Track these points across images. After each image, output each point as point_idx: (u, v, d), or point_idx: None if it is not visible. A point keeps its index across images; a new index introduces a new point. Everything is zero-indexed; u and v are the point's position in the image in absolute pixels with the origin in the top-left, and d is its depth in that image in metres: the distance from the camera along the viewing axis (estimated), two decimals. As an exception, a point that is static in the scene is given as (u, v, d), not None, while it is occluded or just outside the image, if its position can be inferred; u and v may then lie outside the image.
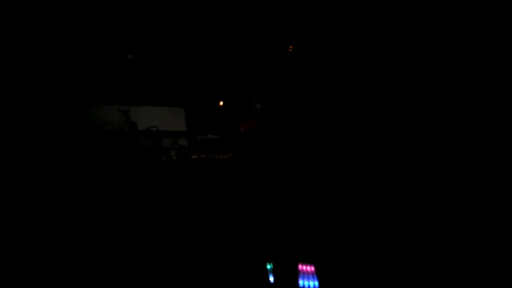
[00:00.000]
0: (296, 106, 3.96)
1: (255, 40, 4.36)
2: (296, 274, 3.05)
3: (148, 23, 4.09)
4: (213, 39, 4.34)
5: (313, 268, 3.02)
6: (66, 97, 3.54)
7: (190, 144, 3.81)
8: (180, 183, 3.24)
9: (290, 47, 4.47)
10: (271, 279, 3.13)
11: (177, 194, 3.20)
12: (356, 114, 3.72)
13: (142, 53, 4.13)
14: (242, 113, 4.17)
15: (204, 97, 4.37)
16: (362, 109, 3.72)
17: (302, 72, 4.22)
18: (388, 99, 3.69)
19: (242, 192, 3.31)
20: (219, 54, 4.38)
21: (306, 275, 3.03)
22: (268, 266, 3.15)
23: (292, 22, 4.27)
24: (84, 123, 3.51)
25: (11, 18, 3.30)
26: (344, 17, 4.02)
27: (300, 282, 3.03)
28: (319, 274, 3.01)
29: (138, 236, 2.98)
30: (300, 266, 3.05)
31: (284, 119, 3.96)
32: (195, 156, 3.58)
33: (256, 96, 4.08)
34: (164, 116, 4.02)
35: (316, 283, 2.99)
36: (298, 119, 3.90)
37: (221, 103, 4.49)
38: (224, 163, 3.56)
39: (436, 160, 3.21)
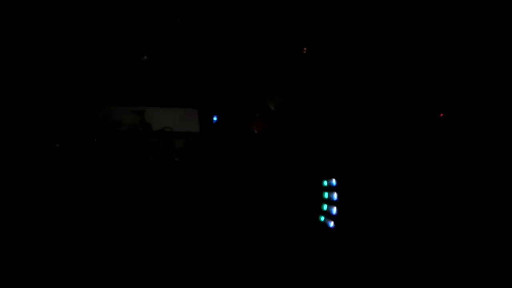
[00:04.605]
0: (309, 107, 3.95)
1: (270, 41, 4.36)
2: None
3: (163, 24, 4.13)
4: (228, 40, 4.36)
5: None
6: (81, 98, 3.61)
7: (203, 144, 3.84)
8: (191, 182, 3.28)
9: (305, 48, 4.45)
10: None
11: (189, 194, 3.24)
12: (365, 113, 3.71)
13: (157, 54, 4.18)
14: (255, 114, 4.18)
15: (217, 99, 4.39)
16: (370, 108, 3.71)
17: (316, 74, 4.20)
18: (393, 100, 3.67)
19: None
20: (233, 55, 4.39)
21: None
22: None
23: (307, 23, 4.25)
24: (100, 123, 3.58)
25: (25, 19, 3.38)
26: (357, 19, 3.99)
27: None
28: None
29: (149, 236, 3.02)
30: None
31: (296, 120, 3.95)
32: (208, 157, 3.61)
33: (269, 97, 4.07)
34: (178, 117, 4.06)
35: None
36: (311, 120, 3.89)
37: (235, 104, 4.50)
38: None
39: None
